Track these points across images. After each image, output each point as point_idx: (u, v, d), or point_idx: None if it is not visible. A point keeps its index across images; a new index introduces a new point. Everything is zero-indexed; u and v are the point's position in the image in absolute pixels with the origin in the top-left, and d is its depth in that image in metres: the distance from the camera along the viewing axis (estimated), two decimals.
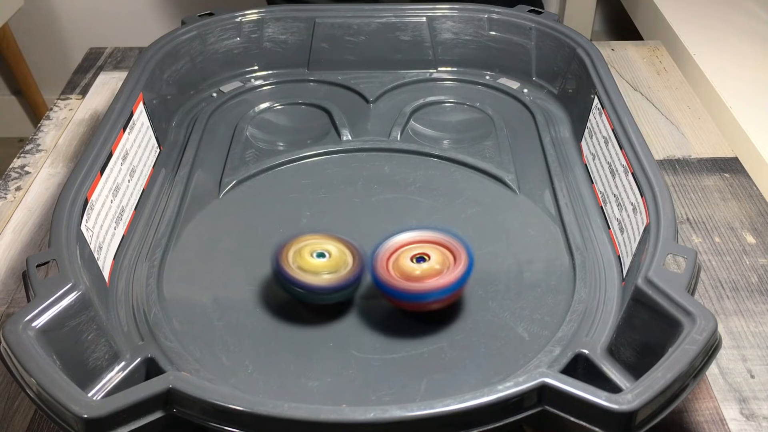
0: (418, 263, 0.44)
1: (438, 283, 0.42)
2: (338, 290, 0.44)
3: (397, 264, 0.44)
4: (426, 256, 0.44)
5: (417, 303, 0.44)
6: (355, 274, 0.44)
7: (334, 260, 0.44)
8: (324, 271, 0.44)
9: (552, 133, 0.61)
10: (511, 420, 0.33)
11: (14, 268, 0.55)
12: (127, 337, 0.43)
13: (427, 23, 0.69)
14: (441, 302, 0.43)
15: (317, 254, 0.44)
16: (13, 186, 0.63)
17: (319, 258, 0.44)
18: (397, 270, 0.44)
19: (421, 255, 0.44)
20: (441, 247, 0.45)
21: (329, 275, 0.44)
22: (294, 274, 0.43)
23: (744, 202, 0.59)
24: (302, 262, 0.44)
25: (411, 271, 0.43)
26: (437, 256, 0.44)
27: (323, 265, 0.44)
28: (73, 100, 0.75)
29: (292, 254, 0.44)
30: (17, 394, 0.45)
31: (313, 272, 0.43)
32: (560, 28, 0.66)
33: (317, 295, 0.44)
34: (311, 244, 0.45)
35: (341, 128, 0.62)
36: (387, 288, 0.43)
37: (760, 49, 0.81)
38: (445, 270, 0.43)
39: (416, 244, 0.45)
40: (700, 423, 0.43)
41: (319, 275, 0.43)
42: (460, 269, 0.43)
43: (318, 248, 0.45)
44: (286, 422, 0.32)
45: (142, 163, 0.56)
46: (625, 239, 0.47)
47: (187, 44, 0.66)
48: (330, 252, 0.45)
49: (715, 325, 0.35)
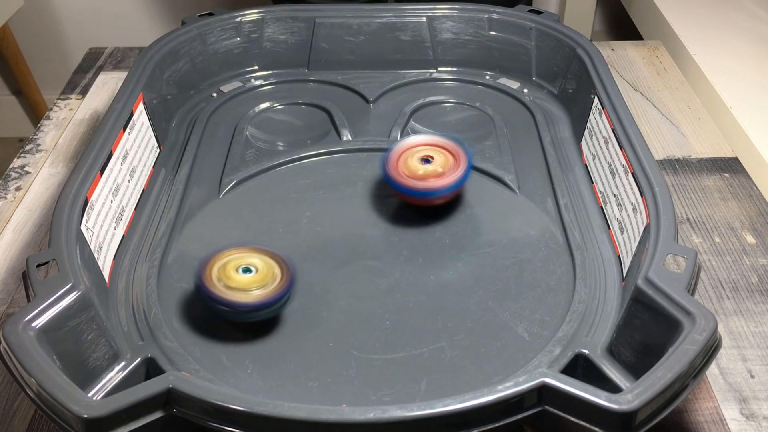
0: (424, 164, 0.51)
1: (440, 183, 0.50)
2: (265, 307, 0.42)
3: (406, 163, 0.51)
4: (431, 158, 0.51)
5: (422, 199, 0.51)
6: (285, 288, 0.42)
7: (262, 275, 0.42)
8: (252, 286, 0.42)
9: (552, 133, 0.61)
10: (511, 420, 0.33)
11: (14, 268, 0.55)
12: (127, 337, 0.43)
13: (427, 23, 0.69)
14: (443, 198, 0.51)
15: (243, 269, 0.42)
16: (13, 186, 0.63)
17: (245, 273, 0.42)
18: (405, 168, 0.51)
19: (426, 157, 0.51)
20: (444, 151, 0.52)
21: (258, 291, 0.42)
22: (218, 291, 0.41)
23: (744, 202, 0.59)
24: (227, 280, 0.42)
25: (416, 170, 0.50)
26: (441, 159, 0.51)
27: (250, 280, 0.42)
28: (73, 100, 0.75)
29: (216, 270, 0.42)
30: (17, 394, 0.45)
31: (240, 289, 0.41)
32: (560, 28, 0.66)
33: (244, 313, 0.42)
34: (236, 259, 0.43)
35: (341, 128, 0.62)
36: (396, 184, 0.51)
37: (760, 49, 0.81)
38: (447, 171, 0.50)
39: (424, 146, 0.52)
40: (700, 423, 0.43)
41: (248, 292, 0.41)
42: (460, 171, 0.50)
43: (243, 263, 0.43)
44: (286, 422, 0.32)
45: (142, 163, 0.56)
46: (625, 239, 0.47)
47: (187, 44, 0.66)
48: (256, 266, 0.43)
49: (715, 325, 0.35)
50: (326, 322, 0.45)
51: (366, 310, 0.46)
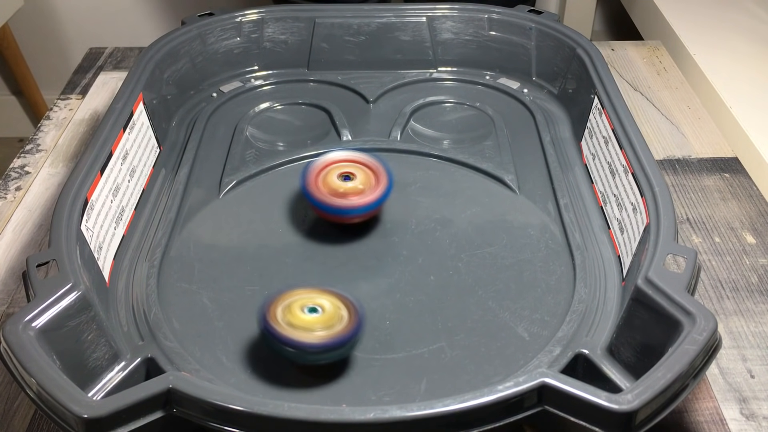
0: (344, 181, 0.50)
1: (360, 202, 0.49)
2: (333, 348, 0.40)
3: (326, 179, 0.50)
4: (352, 175, 0.50)
5: (339, 216, 0.50)
6: (353, 330, 0.40)
7: (328, 315, 0.40)
8: (317, 326, 0.40)
9: (552, 133, 0.61)
10: (511, 420, 0.33)
11: (14, 268, 0.55)
12: (127, 337, 0.43)
13: (427, 23, 0.69)
14: (360, 217, 0.50)
15: (309, 309, 0.41)
16: (13, 186, 0.63)
17: (311, 313, 0.40)
18: (324, 185, 0.49)
19: (347, 173, 0.50)
20: (366, 168, 0.51)
21: (323, 332, 0.39)
22: (284, 331, 0.39)
23: (744, 202, 0.59)
24: (293, 318, 0.40)
25: (337, 187, 0.49)
26: (362, 176, 0.50)
27: (316, 320, 0.40)
28: (73, 100, 0.75)
29: (281, 310, 0.40)
30: (17, 394, 0.45)
31: (304, 329, 0.40)
32: (560, 28, 0.66)
33: (311, 354, 0.40)
34: (302, 299, 0.41)
35: (341, 128, 0.62)
36: (314, 200, 0.49)
37: (760, 49, 0.81)
38: (368, 189, 0.49)
39: (345, 162, 0.51)
40: (700, 423, 0.43)
41: (312, 332, 0.39)
42: (380, 190, 0.49)
43: (309, 303, 0.41)
44: (286, 422, 0.32)
45: (142, 163, 0.56)
46: (625, 239, 0.47)
47: (187, 44, 0.66)
48: (323, 306, 0.41)
49: (715, 325, 0.35)
50: None
51: (366, 310, 0.46)
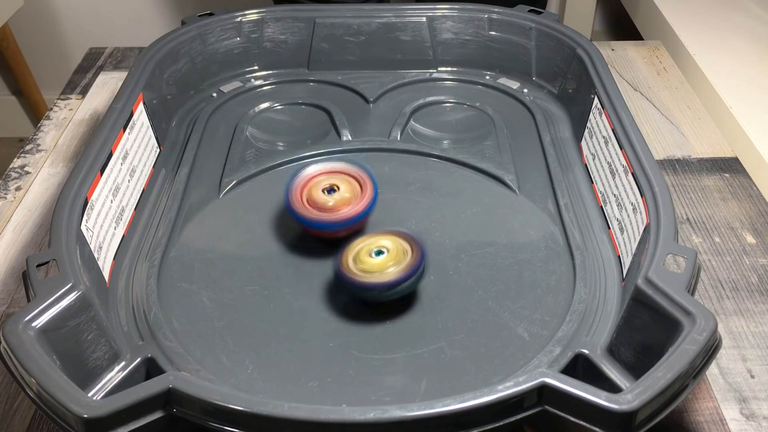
0: (329, 194, 0.49)
1: (349, 213, 0.48)
2: (406, 279, 0.44)
3: (311, 195, 0.49)
4: (336, 187, 0.49)
5: (330, 231, 0.49)
6: (419, 260, 0.44)
7: (394, 253, 0.44)
8: (388, 266, 0.44)
9: (552, 133, 0.61)
10: (511, 420, 0.33)
11: (14, 268, 0.55)
12: (127, 337, 0.43)
13: (427, 23, 0.69)
14: (350, 230, 0.49)
15: (375, 252, 0.45)
16: (13, 186, 0.63)
17: (378, 256, 0.44)
18: (310, 201, 0.49)
19: (331, 186, 0.49)
20: (349, 177, 0.50)
21: (393, 268, 0.44)
22: (360, 278, 0.44)
23: (744, 202, 0.59)
24: (364, 265, 0.44)
25: (324, 202, 0.48)
26: (346, 187, 0.49)
27: (385, 261, 0.44)
28: (73, 100, 0.75)
29: (351, 260, 0.45)
30: (17, 394, 0.45)
31: (378, 271, 0.44)
32: (560, 28, 0.66)
33: (388, 291, 0.44)
34: (367, 245, 0.45)
35: (341, 128, 0.62)
36: (303, 219, 0.48)
37: (760, 49, 0.81)
38: (355, 199, 0.49)
39: (326, 175, 0.50)
40: (700, 423, 0.43)
41: (385, 272, 0.44)
42: (366, 199, 0.49)
43: (374, 247, 0.45)
44: (286, 422, 0.32)
45: (142, 163, 0.56)
46: (625, 239, 0.47)
47: (187, 44, 0.66)
48: (387, 247, 0.45)
49: (715, 325, 0.35)
50: (326, 322, 0.45)
51: (366, 310, 0.46)
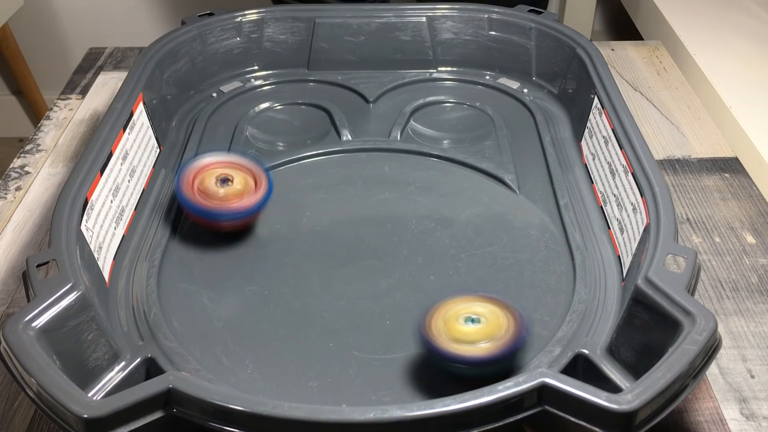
0: (222, 185, 0.48)
1: (236, 206, 0.48)
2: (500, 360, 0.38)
3: (203, 183, 0.48)
4: (230, 178, 0.48)
5: (212, 221, 0.48)
6: (519, 338, 0.38)
7: (490, 325, 0.39)
8: (480, 339, 0.38)
9: (552, 133, 0.61)
10: (511, 420, 0.33)
11: (14, 268, 0.55)
12: (127, 337, 0.43)
13: (427, 23, 0.69)
14: (234, 224, 0.49)
15: (469, 320, 0.39)
16: (13, 186, 0.63)
17: (472, 324, 0.39)
18: (201, 189, 0.48)
19: (225, 176, 0.49)
20: (244, 170, 0.49)
21: (487, 344, 0.38)
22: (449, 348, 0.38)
23: (744, 202, 0.59)
24: (454, 332, 0.38)
25: (215, 192, 0.48)
26: (240, 180, 0.49)
27: (477, 331, 0.38)
28: (73, 100, 0.75)
29: (442, 322, 0.39)
30: (17, 394, 0.45)
31: (468, 342, 0.38)
32: (560, 28, 0.66)
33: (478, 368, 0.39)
34: (461, 309, 0.40)
35: (341, 128, 0.62)
36: (188, 203, 0.48)
37: (760, 49, 0.81)
38: (246, 194, 0.48)
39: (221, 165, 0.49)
40: (700, 423, 0.43)
41: (476, 344, 0.38)
42: (259, 195, 0.48)
43: (468, 312, 0.39)
44: (286, 422, 0.32)
45: (142, 163, 0.56)
46: (625, 239, 0.47)
47: (187, 44, 0.66)
48: (483, 315, 0.39)
49: (715, 325, 0.35)
50: (326, 322, 0.45)
51: (366, 310, 0.46)
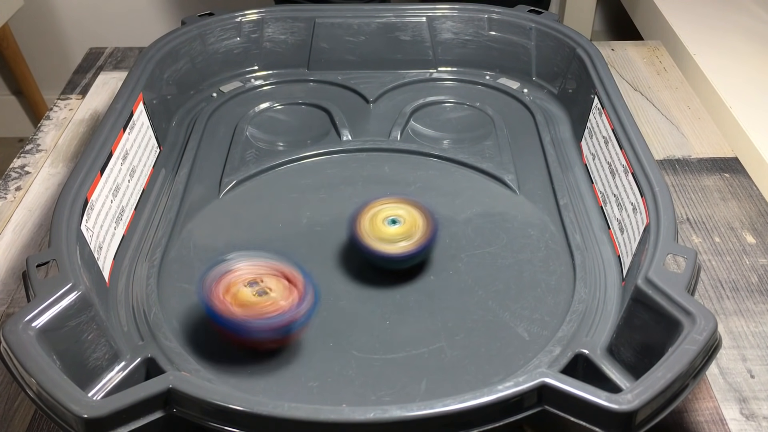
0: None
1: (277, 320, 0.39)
2: (414, 256, 0.46)
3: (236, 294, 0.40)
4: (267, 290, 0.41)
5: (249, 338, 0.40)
6: (429, 238, 0.46)
7: (408, 226, 0.46)
8: (399, 238, 0.46)
9: (552, 133, 0.61)
10: (511, 420, 0.33)
11: (14, 268, 0.55)
12: (127, 337, 0.43)
13: (427, 23, 0.69)
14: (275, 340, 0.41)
15: (390, 221, 0.47)
16: (13, 186, 0.63)
17: (392, 225, 0.47)
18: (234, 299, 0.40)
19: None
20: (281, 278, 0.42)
21: (405, 243, 0.46)
22: (372, 245, 0.46)
23: (744, 202, 0.59)
24: (377, 231, 0.46)
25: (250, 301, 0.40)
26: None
27: (397, 232, 0.46)
28: (73, 100, 0.75)
29: (367, 223, 0.47)
30: (17, 394, 0.45)
31: (388, 240, 0.46)
32: (560, 28, 0.66)
33: (396, 263, 0.47)
34: (384, 211, 0.47)
35: (341, 128, 0.62)
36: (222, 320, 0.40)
37: (760, 49, 0.81)
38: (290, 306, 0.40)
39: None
40: (700, 423, 0.43)
41: (395, 244, 0.46)
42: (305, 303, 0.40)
43: (391, 215, 0.47)
44: (286, 422, 0.32)
45: (142, 163, 0.56)
46: (625, 239, 0.47)
47: (187, 44, 0.66)
48: (403, 218, 0.47)
49: (715, 325, 0.35)
50: (326, 322, 0.45)
51: (366, 310, 0.46)
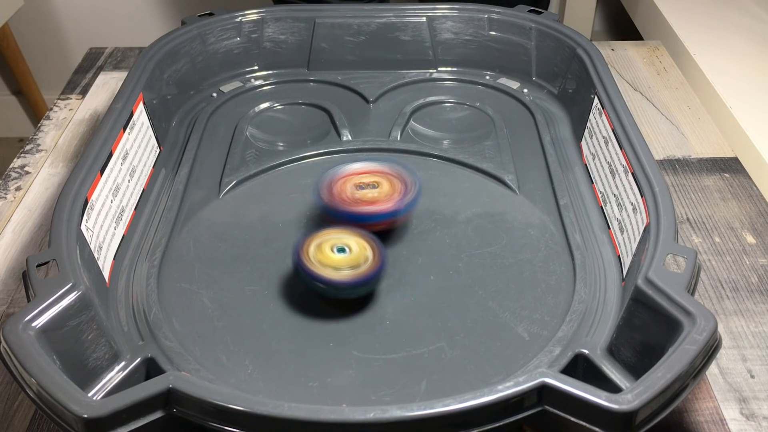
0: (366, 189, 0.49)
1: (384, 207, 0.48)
2: (358, 285, 0.45)
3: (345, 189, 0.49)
4: (376, 184, 0.49)
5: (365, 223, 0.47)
6: (375, 270, 0.45)
7: (354, 256, 0.45)
8: (345, 266, 0.44)
9: (552, 133, 0.61)
10: (511, 420, 0.33)
11: (14, 268, 0.55)
12: (127, 337, 0.43)
13: (427, 23, 0.69)
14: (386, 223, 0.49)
15: (338, 249, 0.45)
16: (13, 186, 0.63)
17: (339, 253, 0.45)
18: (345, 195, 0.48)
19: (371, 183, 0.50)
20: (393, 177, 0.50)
21: (349, 271, 0.44)
22: (315, 269, 0.44)
23: (744, 202, 0.59)
24: (323, 258, 0.45)
25: (362, 195, 0.48)
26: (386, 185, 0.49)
27: (344, 260, 0.45)
28: (73, 100, 0.75)
29: (313, 248, 0.45)
30: (17, 394, 0.45)
31: (333, 267, 0.44)
32: (560, 28, 0.66)
33: (338, 290, 0.45)
34: (332, 239, 0.46)
35: (341, 128, 0.62)
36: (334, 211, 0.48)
37: (760, 49, 0.81)
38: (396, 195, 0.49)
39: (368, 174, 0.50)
40: (700, 423, 0.43)
41: (340, 271, 0.44)
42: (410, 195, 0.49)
43: (339, 243, 0.45)
44: (286, 422, 0.32)
45: (142, 163, 0.56)
46: (625, 239, 0.47)
47: (187, 44, 0.66)
48: (350, 247, 0.45)
49: (715, 325, 0.35)
50: (326, 322, 0.45)
51: (366, 310, 0.46)
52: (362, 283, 0.44)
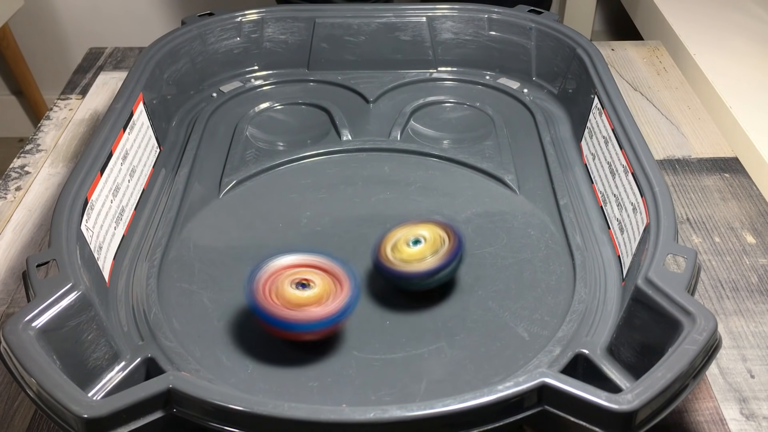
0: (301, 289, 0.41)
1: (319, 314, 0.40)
2: (443, 269, 0.44)
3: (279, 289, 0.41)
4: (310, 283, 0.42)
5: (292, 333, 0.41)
6: (456, 248, 0.45)
7: (431, 242, 0.45)
8: (426, 255, 0.44)
9: (552, 133, 0.61)
10: (511, 420, 0.33)
11: (14, 268, 0.55)
12: (127, 337, 0.43)
13: (427, 23, 0.69)
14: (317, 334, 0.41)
15: (413, 242, 0.45)
16: (13, 186, 0.63)
17: (416, 245, 0.45)
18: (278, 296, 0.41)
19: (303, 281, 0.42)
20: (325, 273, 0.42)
21: (432, 257, 0.44)
22: (399, 267, 0.44)
23: (744, 202, 0.59)
24: (402, 254, 0.45)
25: (294, 298, 0.41)
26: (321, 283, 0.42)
27: (422, 250, 0.45)
28: (73, 100, 0.75)
29: (389, 250, 0.45)
30: (17, 394, 0.45)
31: (416, 260, 0.44)
32: (560, 28, 0.66)
33: (426, 280, 0.45)
34: (404, 235, 0.46)
35: (341, 128, 0.62)
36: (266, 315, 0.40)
37: (760, 49, 0.81)
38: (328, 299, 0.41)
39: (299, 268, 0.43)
40: (700, 423, 0.43)
41: (423, 260, 0.44)
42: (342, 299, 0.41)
43: (411, 236, 0.45)
44: (286, 422, 0.32)
45: (142, 163, 0.56)
46: (625, 239, 0.47)
47: (187, 44, 0.66)
48: (424, 237, 0.45)
49: (715, 325, 0.35)
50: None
51: (366, 310, 0.46)
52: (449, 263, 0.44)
